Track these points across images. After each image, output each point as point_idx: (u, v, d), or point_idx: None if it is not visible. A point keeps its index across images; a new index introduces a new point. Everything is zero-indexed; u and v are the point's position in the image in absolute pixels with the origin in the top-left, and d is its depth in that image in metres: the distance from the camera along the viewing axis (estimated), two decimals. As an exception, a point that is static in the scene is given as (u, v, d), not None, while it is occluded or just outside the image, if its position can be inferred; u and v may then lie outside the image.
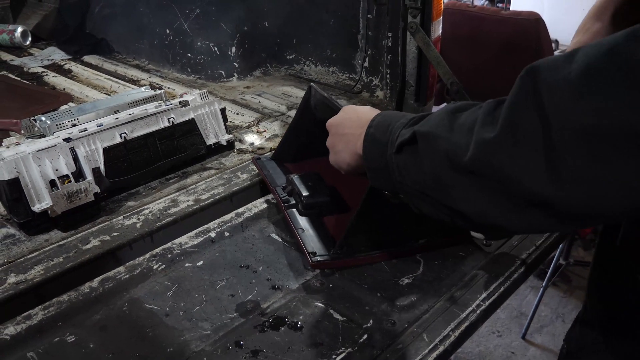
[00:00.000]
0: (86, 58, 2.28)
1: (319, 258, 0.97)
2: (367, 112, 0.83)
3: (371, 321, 0.84)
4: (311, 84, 1.21)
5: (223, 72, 2.03)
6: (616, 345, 0.78)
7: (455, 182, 0.61)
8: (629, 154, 0.45)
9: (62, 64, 2.21)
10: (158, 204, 1.17)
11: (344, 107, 0.91)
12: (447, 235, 1.01)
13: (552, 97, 0.49)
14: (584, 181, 0.48)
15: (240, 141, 1.48)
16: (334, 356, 0.78)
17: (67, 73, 2.11)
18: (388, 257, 0.99)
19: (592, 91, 0.46)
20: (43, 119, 1.26)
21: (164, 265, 0.98)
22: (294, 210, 1.10)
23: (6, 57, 2.33)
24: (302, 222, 1.06)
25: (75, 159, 1.12)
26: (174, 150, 1.29)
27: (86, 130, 1.16)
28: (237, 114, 1.68)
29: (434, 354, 0.79)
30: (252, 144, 1.48)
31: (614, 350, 0.78)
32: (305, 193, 1.07)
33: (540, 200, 0.52)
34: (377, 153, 0.75)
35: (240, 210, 1.15)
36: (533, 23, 2.29)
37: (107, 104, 1.33)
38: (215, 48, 2.04)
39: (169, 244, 1.04)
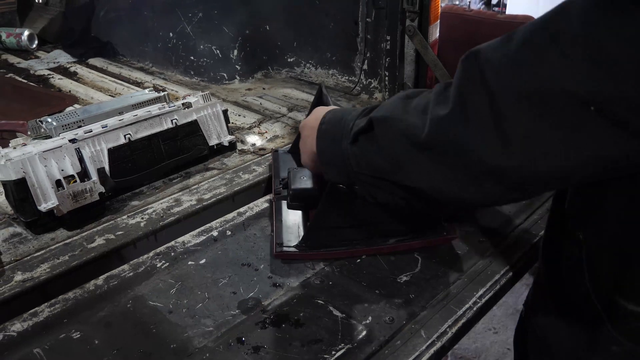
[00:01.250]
0: (91, 61, 2.28)
1: (284, 249, 0.98)
2: (323, 111, 0.84)
3: (370, 318, 0.84)
4: (321, 83, 1.21)
5: (225, 75, 2.03)
6: (560, 300, 0.80)
7: (413, 160, 0.64)
8: (564, 113, 0.49)
9: (68, 66, 2.21)
10: (162, 203, 1.17)
11: (315, 109, 0.91)
12: (417, 237, 0.98)
13: (495, 72, 0.53)
14: (530, 144, 0.52)
15: (242, 142, 1.48)
16: (333, 352, 0.78)
17: (73, 75, 2.11)
18: (353, 254, 0.98)
19: (529, 60, 0.50)
20: (49, 120, 1.26)
21: (168, 264, 0.98)
22: (284, 202, 1.10)
23: (13, 59, 2.33)
24: (290, 214, 1.06)
25: (81, 160, 1.12)
26: (177, 151, 1.29)
27: (91, 131, 1.16)
28: (239, 115, 1.68)
29: (432, 350, 0.79)
30: (254, 144, 1.48)
31: (558, 305, 0.81)
32: (294, 186, 1.08)
33: (492, 168, 0.55)
34: (331, 146, 0.77)
35: (242, 209, 1.15)
36: (528, 26, 2.28)
37: (112, 106, 1.33)
38: (218, 51, 2.04)
39: (172, 243, 1.04)
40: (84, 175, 1.12)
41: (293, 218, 1.06)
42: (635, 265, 0.65)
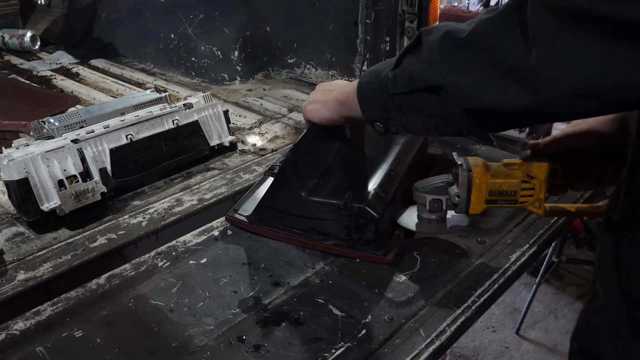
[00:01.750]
0: (93, 62, 2.28)
1: (237, 215, 1.06)
2: (338, 84, 0.93)
3: (369, 317, 0.84)
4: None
5: (226, 76, 2.03)
6: (634, 319, 0.73)
7: (448, 57, 0.68)
8: (580, 30, 0.54)
9: (70, 67, 2.21)
10: (163, 203, 1.17)
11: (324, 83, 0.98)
12: (353, 247, 0.97)
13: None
14: (550, 48, 0.56)
15: (243, 142, 1.48)
16: (333, 351, 0.78)
17: (75, 76, 2.11)
18: (291, 242, 1.02)
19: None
20: (51, 120, 1.26)
21: (169, 263, 0.98)
22: (270, 177, 1.14)
23: (16, 60, 2.33)
24: (264, 190, 1.08)
25: (83, 160, 1.12)
26: (178, 151, 1.29)
27: (93, 131, 1.16)
28: (240, 116, 1.68)
29: (430, 349, 0.79)
30: (254, 145, 1.48)
31: (632, 326, 0.73)
32: (281, 161, 1.10)
33: (517, 68, 0.60)
34: (373, 80, 0.80)
35: (242, 209, 1.15)
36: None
37: (114, 107, 1.33)
38: (219, 52, 2.04)
39: (174, 242, 1.04)
40: (86, 175, 1.12)
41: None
42: None
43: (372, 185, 1.01)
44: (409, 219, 0.98)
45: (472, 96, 0.67)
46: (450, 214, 0.90)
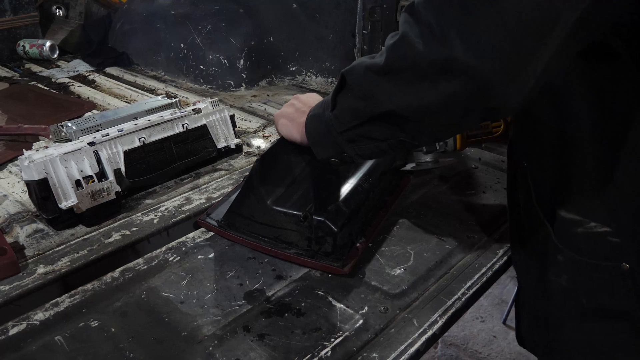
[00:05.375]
0: (108, 70, 2.28)
1: (208, 220, 1.05)
2: (312, 100, 0.94)
3: (366, 308, 0.84)
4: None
5: (232, 82, 2.03)
6: (518, 229, 0.92)
7: (379, 87, 0.68)
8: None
9: (87, 75, 2.21)
10: (173, 201, 1.17)
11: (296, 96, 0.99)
12: (312, 257, 0.94)
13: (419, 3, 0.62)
14: (460, 30, 0.58)
15: (248, 145, 1.48)
16: (332, 339, 0.78)
17: (91, 83, 2.11)
18: (256, 249, 0.98)
19: None
20: (69, 124, 1.26)
21: (179, 257, 0.98)
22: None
23: (36, 68, 2.33)
24: None
25: (99, 161, 1.12)
26: (187, 153, 1.29)
27: (108, 135, 1.16)
28: (245, 120, 1.68)
29: (423, 338, 0.79)
30: (259, 147, 1.48)
31: (520, 235, 0.91)
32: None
33: (442, 63, 0.60)
34: (317, 124, 0.82)
35: (247, 207, 1.15)
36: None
37: (127, 111, 1.33)
38: (225, 60, 2.04)
39: (183, 238, 1.04)
40: (101, 175, 1.12)
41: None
42: (569, 180, 0.75)
43: (336, 199, 0.97)
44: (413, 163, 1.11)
45: (410, 108, 0.67)
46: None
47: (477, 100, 0.62)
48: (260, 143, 1.50)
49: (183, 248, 1.01)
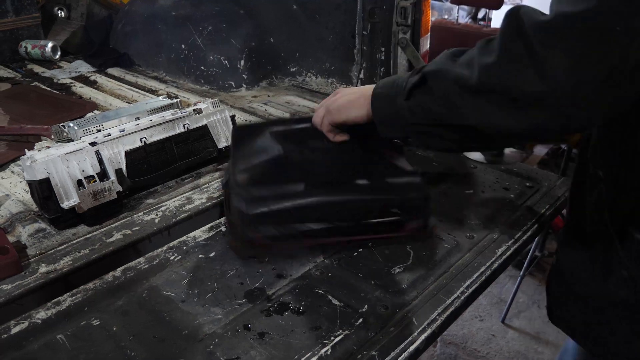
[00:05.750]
0: (110, 70, 2.28)
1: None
2: (355, 88, 0.94)
3: (366, 306, 0.84)
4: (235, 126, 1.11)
5: (233, 83, 2.03)
6: (581, 235, 0.87)
7: (466, 103, 0.69)
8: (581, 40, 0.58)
9: (88, 75, 2.21)
10: (174, 201, 1.17)
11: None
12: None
13: (532, 28, 0.62)
14: (560, 71, 0.59)
15: (248, 145, 1.48)
16: (332, 338, 0.78)
17: (93, 84, 2.11)
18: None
19: (559, 30, 0.60)
20: (71, 125, 1.26)
21: (180, 257, 0.98)
22: None
23: (38, 69, 2.33)
24: None
25: (100, 161, 1.12)
26: (188, 153, 1.29)
27: (110, 135, 1.16)
28: (246, 120, 1.67)
29: (422, 336, 0.79)
30: (259, 147, 1.47)
31: (581, 241, 0.87)
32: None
33: (534, 97, 0.62)
34: (386, 105, 0.82)
35: (248, 207, 1.14)
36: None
37: (129, 112, 1.33)
38: (226, 61, 2.04)
39: (184, 238, 1.04)
40: (103, 175, 1.12)
41: None
42: None
43: (281, 190, 0.93)
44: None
45: (492, 127, 0.69)
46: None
47: (561, 129, 0.65)
48: (260, 143, 1.50)
49: (184, 247, 1.01)
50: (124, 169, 1.16)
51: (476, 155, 1.16)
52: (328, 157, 1.01)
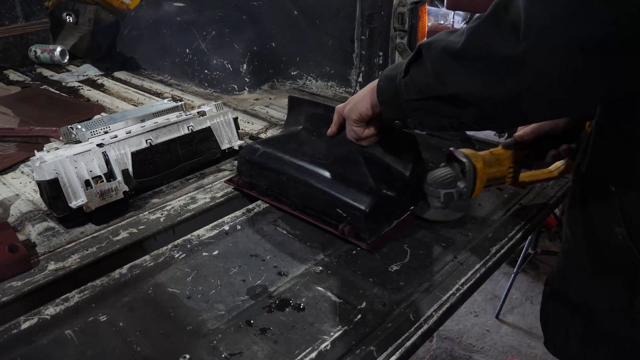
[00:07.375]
0: (117, 74, 2.28)
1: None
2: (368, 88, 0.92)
3: (364, 303, 0.84)
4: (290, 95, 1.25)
5: (235, 86, 2.03)
6: (595, 258, 0.76)
7: (450, 69, 0.67)
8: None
9: (96, 79, 2.21)
10: (179, 201, 1.17)
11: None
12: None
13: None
14: (537, 29, 0.56)
15: (251, 146, 1.48)
16: (332, 333, 0.78)
17: (100, 87, 2.11)
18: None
19: None
20: (79, 127, 1.27)
21: (184, 255, 0.98)
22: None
23: (47, 73, 2.33)
24: None
25: (107, 162, 1.12)
26: (192, 154, 1.29)
27: (116, 136, 1.16)
28: (248, 122, 1.68)
29: (419, 332, 0.79)
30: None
31: (594, 264, 0.77)
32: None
33: (511, 59, 0.59)
34: (389, 85, 0.81)
35: (250, 206, 1.15)
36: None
37: (135, 114, 1.33)
38: (229, 65, 2.04)
39: (189, 236, 1.04)
40: (110, 175, 1.12)
41: None
42: None
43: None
44: (426, 210, 1.04)
45: (475, 95, 0.67)
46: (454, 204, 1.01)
47: (543, 99, 0.61)
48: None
49: (188, 245, 1.01)
50: (130, 169, 1.16)
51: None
52: (323, 145, 1.10)
